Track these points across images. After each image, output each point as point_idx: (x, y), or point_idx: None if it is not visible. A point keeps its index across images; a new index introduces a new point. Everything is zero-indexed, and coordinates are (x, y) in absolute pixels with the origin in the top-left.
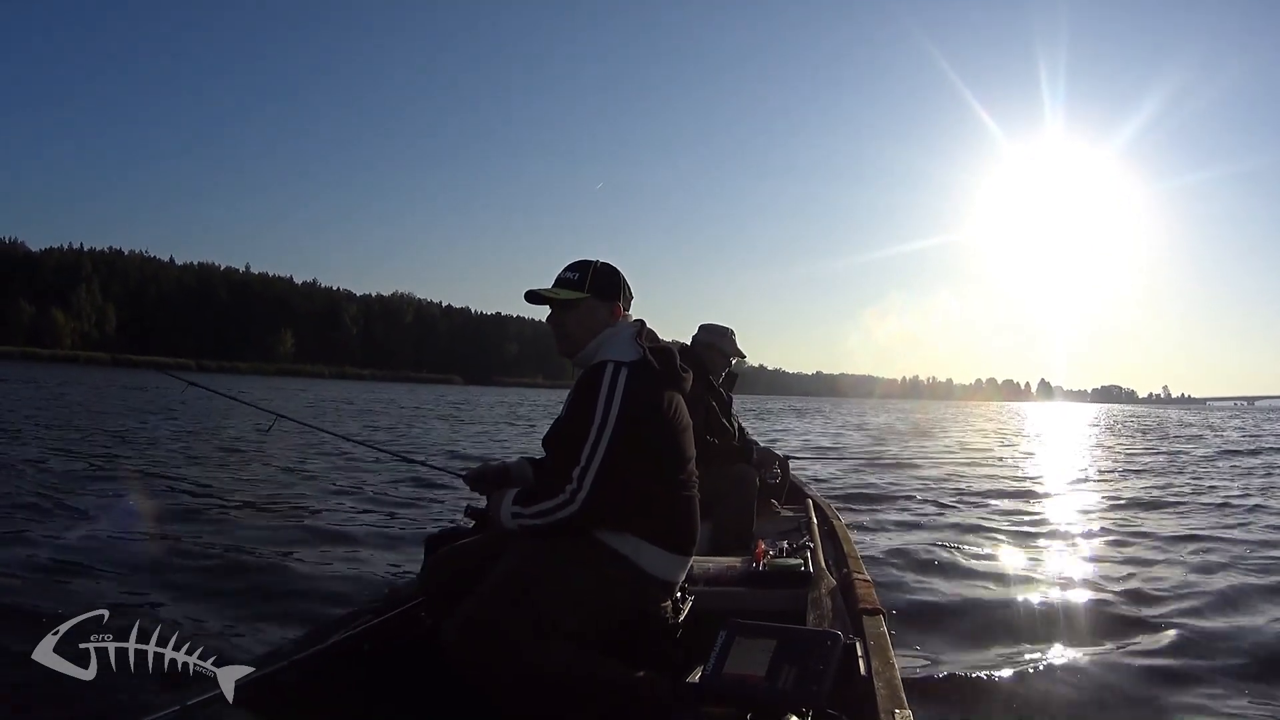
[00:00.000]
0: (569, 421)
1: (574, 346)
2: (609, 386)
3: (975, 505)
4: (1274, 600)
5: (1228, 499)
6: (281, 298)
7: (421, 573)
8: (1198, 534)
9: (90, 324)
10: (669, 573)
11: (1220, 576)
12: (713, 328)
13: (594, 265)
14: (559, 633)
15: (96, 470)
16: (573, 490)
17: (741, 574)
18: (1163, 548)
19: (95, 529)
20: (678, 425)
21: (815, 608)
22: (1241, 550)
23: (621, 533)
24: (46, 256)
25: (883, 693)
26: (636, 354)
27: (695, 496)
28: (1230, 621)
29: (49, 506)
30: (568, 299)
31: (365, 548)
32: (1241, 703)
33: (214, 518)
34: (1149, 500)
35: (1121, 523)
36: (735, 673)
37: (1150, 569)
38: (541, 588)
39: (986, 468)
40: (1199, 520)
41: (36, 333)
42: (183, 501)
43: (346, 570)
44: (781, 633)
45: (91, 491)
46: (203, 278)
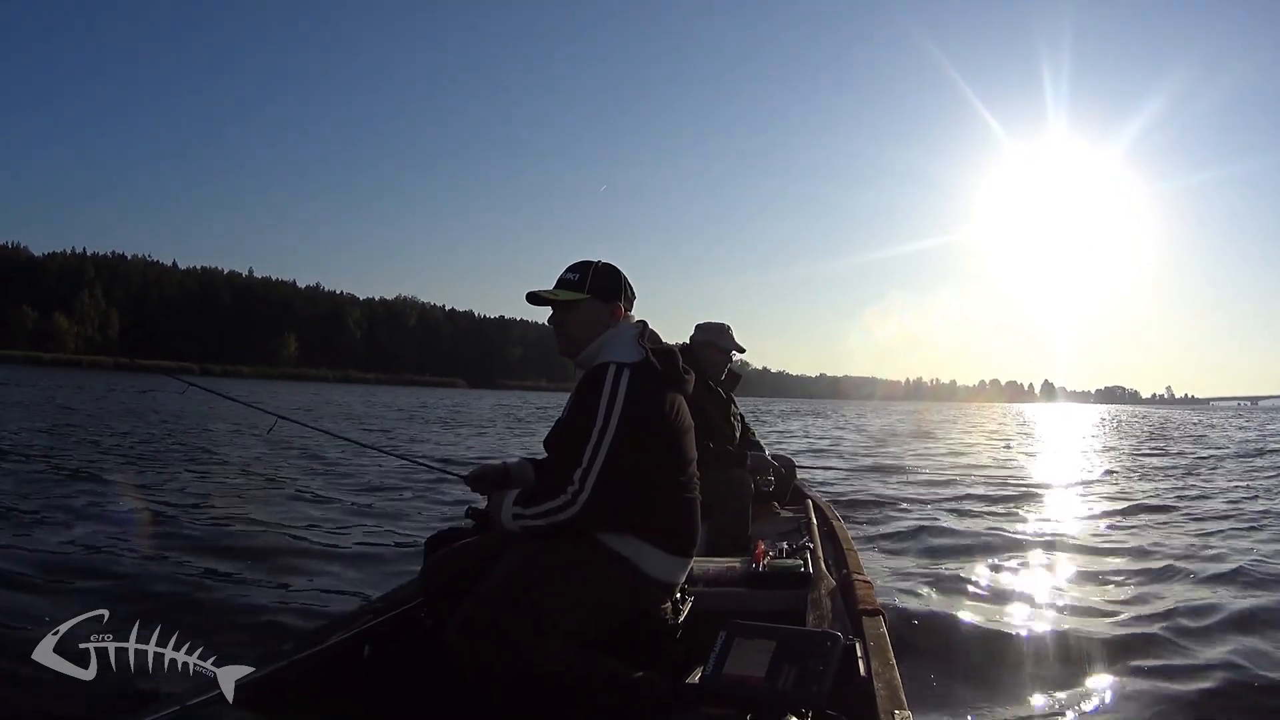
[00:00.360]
0: (570, 423)
1: (575, 347)
2: (611, 388)
3: (976, 507)
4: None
5: (1238, 503)
6: (285, 302)
7: (421, 573)
8: (1204, 539)
9: (93, 328)
10: (669, 574)
11: (1226, 581)
12: (708, 326)
13: (594, 266)
14: (559, 633)
15: (96, 472)
16: (574, 492)
17: (741, 575)
18: (1166, 553)
19: (95, 529)
20: (679, 427)
21: (815, 608)
22: (1251, 560)
23: (622, 534)
24: (49, 261)
25: (882, 693)
26: (639, 355)
27: (696, 499)
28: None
29: (48, 508)
30: (568, 300)
31: (365, 548)
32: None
33: (214, 518)
34: (1155, 504)
35: (1125, 527)
36: (735, 673)
37: (1152, 573)
38: (542, 588)
39: (988, 470)
40: (1208, 525)
41: (40, 337)
42: (183, 502)
43: (347, 571)
44: (781, 633)
45: (90, 492)
46: (206, 282)
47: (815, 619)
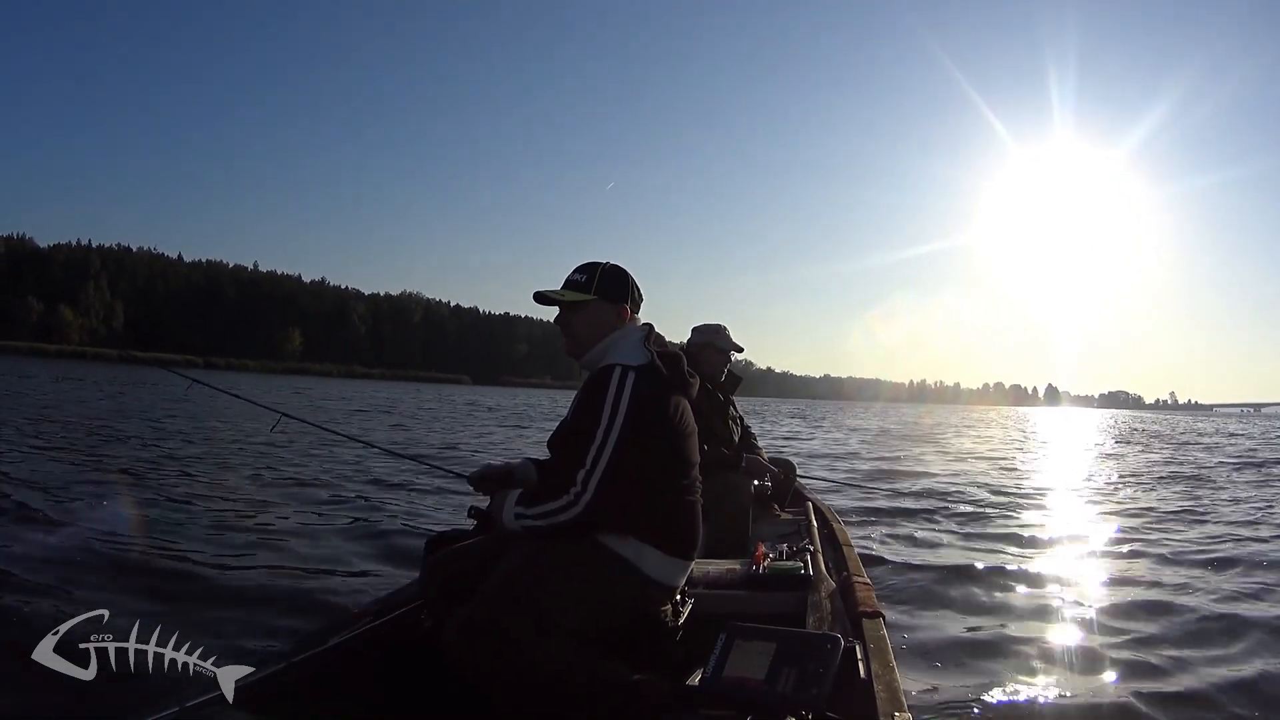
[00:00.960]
0: (574, 424)
1: (581, 348)
2: (616, 390)
3: (978, 511)
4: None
5: (1246, 511)
6: (290, 296)
7: (421, 574)
8: (1208, 544)
9: (98, 320)
10: (670, 577)
11: (1228, 583)
12: (705, 327)
13: (602, 267)
14: (559, 634)
15: (96, 470)
16: (577, 493)
17: (741, 577)
18: (1168, 557)
19: (95, 530)
20: (683, 430)
21: (815, 611)
22: (1256, 562)
23: (624, 536)
24: (55, 253)
25: (882, 696)
26: (644, 358)
27: (698, 501)
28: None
29: (49, 507)
30: (575, 300)
31: (366, 548)
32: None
33: (215, 518)
34: (1158, 510)
35: (1127, 531)
36: (735, 675)
37: (1154, 576)
38: (542, 589)
39: (991, 474)
40: (1211, 529)
41: (45, 329)
42: (183, 501)
43: (347, 571)
44: (781, 636)
45: (91, 491)
46: (211, 275)
47: (815, 621)
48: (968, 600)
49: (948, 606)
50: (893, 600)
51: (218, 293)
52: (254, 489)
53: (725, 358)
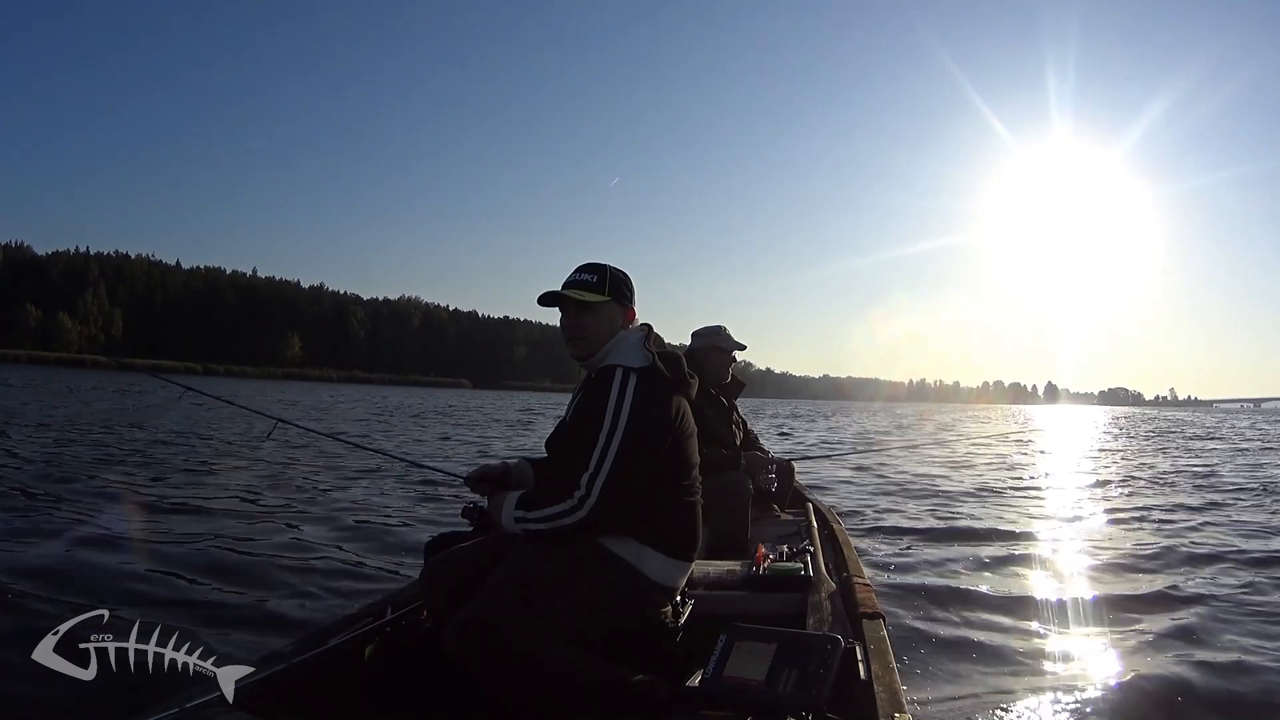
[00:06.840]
0: (575, 425)
1: (591, 349)
2: (619, 393)
3: (979, 510)
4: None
5: (1246, 510)
6: (289, 302)
7: (421, 576)
8: (1208, 542)
9: (97, 328)
10: (670, 578)
11: (1230, 585)
12: (704, 330)
13: (609, 269)
14: (559, 635)
15: (95, 473)
16: (581, 497)
17: (741, 578)
18: (1169, 556)
19: (95, 530)
20: (684, 432)
21: (815, 612)
22: (1257, 562)
23: (624, 538)
24: (53, 260)
25: (882, 697)
26: (646, 360)
27: (698, 503)
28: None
29: (48, 508)
30: (590, 301)
31: (365, 550)
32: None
33: (214, 521)
34: (1160, 508)
35: (1128, 530)
36: (735, 676)
37: (1155, 577)
38: (542, 590)
39: (992, 473)
40: (1212, 529)
41: (43, 336)
42: (183, 505)
43: (346, 573)
44: (781, 636)
45: (90, 493)
46: (210, 281)
47: (815, 622)
48: (968, 601)
49: (949, 608)
50: (893, 601)
51: (217, 299)
52: (252, 492)
53: (729, 357)
